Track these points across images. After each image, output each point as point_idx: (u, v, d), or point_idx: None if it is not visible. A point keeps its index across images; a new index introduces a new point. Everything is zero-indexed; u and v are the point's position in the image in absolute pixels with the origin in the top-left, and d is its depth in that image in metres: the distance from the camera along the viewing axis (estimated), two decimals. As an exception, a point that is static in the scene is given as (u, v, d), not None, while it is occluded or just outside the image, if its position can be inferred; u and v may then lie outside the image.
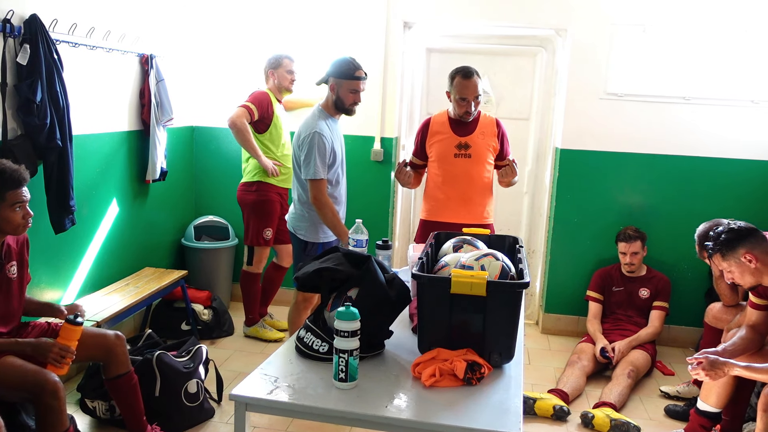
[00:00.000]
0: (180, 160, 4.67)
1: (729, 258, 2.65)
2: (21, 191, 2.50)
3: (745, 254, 2.60)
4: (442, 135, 3.44)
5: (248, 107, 3.97)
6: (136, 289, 3.83)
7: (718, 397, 2.97)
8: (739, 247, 2.61)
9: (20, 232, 2.56)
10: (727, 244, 2.63)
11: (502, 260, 2.20)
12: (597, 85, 4.32)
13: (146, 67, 4.03)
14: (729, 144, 4.27)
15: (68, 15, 3.32)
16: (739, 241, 2.61)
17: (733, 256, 2.63)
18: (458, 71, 3.35)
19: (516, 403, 1.83)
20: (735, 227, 2.63)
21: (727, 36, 4.15)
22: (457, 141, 3.41)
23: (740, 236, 2.60)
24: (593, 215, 4.47)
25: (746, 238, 2.60)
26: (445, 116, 3.49)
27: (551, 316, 4.67)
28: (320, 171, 3.07)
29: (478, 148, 3.41)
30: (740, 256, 2.61)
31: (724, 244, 2.64)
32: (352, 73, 3.14)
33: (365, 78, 3.21)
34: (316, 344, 2.07)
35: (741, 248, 2.61)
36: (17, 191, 2.49)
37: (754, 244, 2.60)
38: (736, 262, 2.64)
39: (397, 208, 4.82)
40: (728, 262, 2.66)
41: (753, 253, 2.59)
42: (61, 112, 3.11)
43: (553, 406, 3.38)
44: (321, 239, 3.25)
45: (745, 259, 2.61)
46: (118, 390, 2.84)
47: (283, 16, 4.56)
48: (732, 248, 2.62)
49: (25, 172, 2.54)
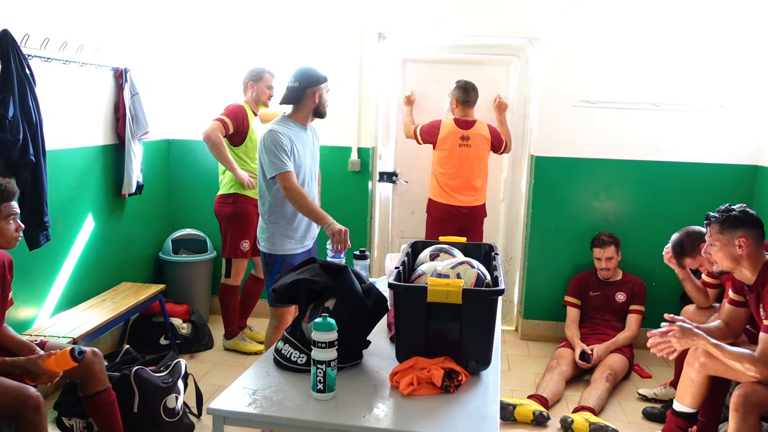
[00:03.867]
0: (156, 173, 4.65)
1: (725, 233, 2.67)
2: (13, 204, 2.53)
3: (741, 238, 2.64)
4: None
5: (223, 121, 3.97)
6: (113, 304, 3.79)
7: (694, 398, 3.01)
8: (740, 229, 2.64)
9: (12, 245, 2.58)
10: (732, 220, 2.65)
11: (478, 268, 2.22)
12: (570, 93, 4.38)
13: (120, 80, 4.01)
14: (699, 149, 4.36)
15: (40, 30, 3.29)
16: (744, 224, 2.64)
17: (730, 233, 2.66)
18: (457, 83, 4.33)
19: (493, 409, 1.85)
20: (750, 212, 2.67)
21: (696, 43, 4.24)
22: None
23: (748, 221, 2.64)
24: (569, 221, 4.52)
25: (751, 226, 2.64)
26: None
27: (530, 322, 4.71)
28: (284, 164, 3.02)
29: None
30: (736, 237, 2.65)
31: (730, 218, 2.66)
32: (323, 75, 3.19)
33: None
34: (294, 356, 2.07)
35: (740, 230, 2.64)
36: (10, 204, 2.52)
37: (754, 235, 2.64)
38: (728, 240, 2.67)
39: (375, 218, 4.83)
40: (721, 236, 2.68)
41: (747, 241, 2.63)
42: (33, 128, 3.09)
43: (532, 411, 3.41)
44: (278, 251, 3.19)
45: (737, 242, 2.65)
46: (95, 407, 2.81)
47: (257, 29, 4.57)
48: (734, 226, 2.65)
49: (15, 186, 2.57)
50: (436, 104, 4.60)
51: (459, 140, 4.26)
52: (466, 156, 4.28)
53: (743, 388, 2.58)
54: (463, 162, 4.28)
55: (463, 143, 4.27)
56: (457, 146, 4.27)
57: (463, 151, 4.27)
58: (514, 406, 3.43)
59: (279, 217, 3.17)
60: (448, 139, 4.28)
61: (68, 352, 2.48)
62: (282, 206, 3.14)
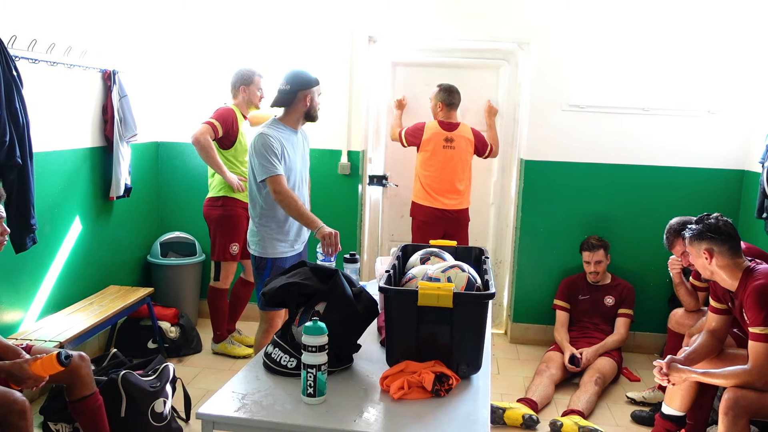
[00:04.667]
0: (145, 176, 4.62)
1: (693, 245, 2.75)
2: None
3: (705, 251, 2.68)
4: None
5: (212, 124, 3.95)
6: (101, 307, 3.76)
7: (682, 401, 3.03)
8: (704, 242, 2.69)
9: None
10: (696, 234, 2.72)
11: (468, 272, 2.22)
12: (559, 98, 4.40)
13: (109, 82, 3.98)
14: (687, 153, 4.39)
15: (28, 31, 3.26)
16: (708, 237, 2.68)
17: (696, 246, 2.72)
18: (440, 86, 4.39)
19: (484, 413, 1.85)
20: (715, 224, 2.70)
21: (684, 49, 4.28)
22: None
23: (711, 234, 2.68)
24: (558, 225, 4.54)
25: (714, 239, 2.67)
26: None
27: (519, 325, 4.71)
28: (274, 167, 3.01)
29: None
30: (702, 249, 2.69)
31: (694, 231, 2.73)
32: (315, 78, 3.19)
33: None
34: (284, 360, 2.06)
35: (705, 243, 2.69)
36: None
37: (720, 246, 2.67)
38: (695, 252, 2.73)
39: (365, 221, 4.82)
40: (691, 248, 2.77)
41: (711, 252, 2.67)
42: (20, 130, 3.06)
43: (522, 415, 3.41)
44: (269, 255, 3.18)
45: (703, 255, 2.69)
46: (82, 412, 2.77)
47: (248, 32, 4.56)
48: (699, 239, 2.71)
49: (1, 188, 2.55)
50: (425, 108, 4.60)
51: (443, 141, 4.30)
52: (450, 158, 4.30)
53: (732, 391, 2.59)
54: (447, 164, 4.30)
55: (447, 145, 4.29)
56: (440, 147, 4.29)
57: (446, 153, 4.30)
58: (503, 410, 3.43)
59: (270, 220, 3.16)
60: (431, 140, 4.30)
61: (54, 356, 2.45)
62: (273, 209, 3.13)
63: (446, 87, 4.36)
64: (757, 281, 2.59)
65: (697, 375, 2.69)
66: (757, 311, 2.55)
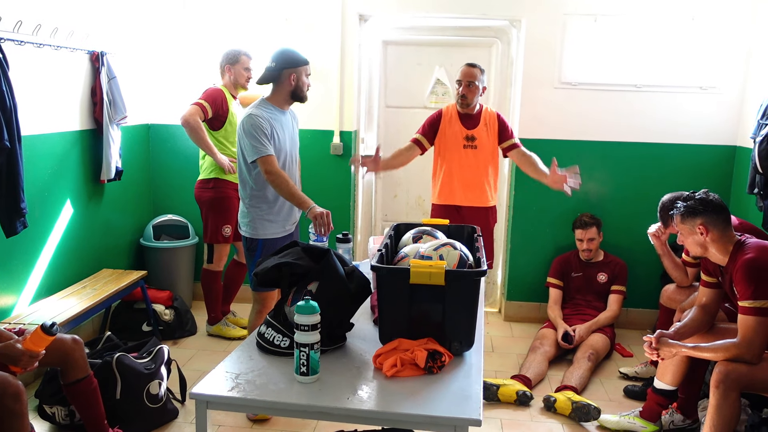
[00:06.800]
0: (136, 158, 4.59)
1: (686, 223, 2.75)
2: None
3: (700, 225, 2.69)
4: (452, 127, 3.77)
5: (201, 105, 3.92)
6: (94, 291, 3.75)
7: (673, 375, 3.06)
8: (698, 217, 2.70)
9: None
10: (689, 210, 2.72)
11: (460, 249, 2.22)
12: (551, 75, 4.38)
13: (97, 64, 3.94)
14: (679, 130, 4.39)
15: (12, 12, 3.22)
16: (702, 212, 2.69)
17: (690, 222, 2.72)
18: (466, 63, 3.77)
19: (476, 389, 1.86)
20: (706, 198, 2.72)
21: (675, 25, 4.25)
22: (465, 133, 3.74)
23: (705, 208, 2.69)
24: (551, 203, 4.53)
25: (708, 212, 2.68)
26: (454, 109, 3.81)
27: (513, 303, 4.74)
28: (265, 148, 2.99)
29: (482, 140, 3.76)
30: (696, 225, 2.70)
31: (687, 209, 2.73)
32: (303, 58, 3.15)
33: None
34: (277, 339, 2.06)
35: (699, 218, 2.70)
36: None
37: (714, 220, 2.68)
38: (689, 228, 2.74)
39: (358, 201, 4.82)
40: (683, 226, 2.77)
41: (707, 226, 2.68)
42: (8, 113, 3.02)
43: (516, 391, 3.44)
44: (260, 236, 3.17)
45: (698, 230, 2.70)
46: (77, 395, 2.78)
47: (237, 11, 4.51)
48: (693, 215, 2.71)
49: None
50: (417, 87, 4.57)
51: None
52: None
53: (723, 365, 2.61)
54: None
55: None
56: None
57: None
58: (497, 387, 3.46)
59: (260, 201, 3.14)
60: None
61: (39, 328, 2.43)
62: (263, 190, 3.12)
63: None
64: (746, 255, 2.61)
65: (687, 349, 2.71)
66: (747, 285, 2.57)
